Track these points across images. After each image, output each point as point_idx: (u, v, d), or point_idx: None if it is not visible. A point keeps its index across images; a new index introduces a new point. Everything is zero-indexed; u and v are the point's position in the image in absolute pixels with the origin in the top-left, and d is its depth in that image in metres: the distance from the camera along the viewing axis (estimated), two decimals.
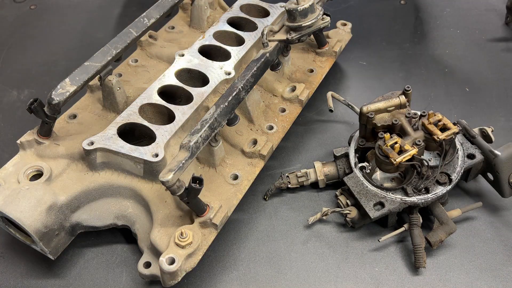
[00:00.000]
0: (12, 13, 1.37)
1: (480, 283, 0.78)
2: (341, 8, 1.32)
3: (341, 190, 0.87)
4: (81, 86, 0.81)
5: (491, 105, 1.05)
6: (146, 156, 0.76)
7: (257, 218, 0.88)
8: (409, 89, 0.82)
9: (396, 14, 1.30)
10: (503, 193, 0.83)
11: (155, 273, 0.73)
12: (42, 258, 0.84)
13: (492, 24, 1.24)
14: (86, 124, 0.92)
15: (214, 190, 0.81)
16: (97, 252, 0.85)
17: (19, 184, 0.78)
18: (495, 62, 1.15)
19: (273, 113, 0.94)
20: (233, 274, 0.81)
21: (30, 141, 0.82)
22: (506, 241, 0.83)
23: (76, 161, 0.81)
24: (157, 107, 0.86)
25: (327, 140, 1.00)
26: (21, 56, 1.24)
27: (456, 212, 0.82)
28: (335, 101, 0.98)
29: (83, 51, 1.10)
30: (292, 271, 0.81)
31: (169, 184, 0.67)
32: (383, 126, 0.81)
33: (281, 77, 0.99)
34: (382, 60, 1.17)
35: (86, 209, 0.80)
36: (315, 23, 0.87)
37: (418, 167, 0.78)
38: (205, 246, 0.74)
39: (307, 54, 1.06)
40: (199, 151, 0.74)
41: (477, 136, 0.84)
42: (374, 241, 0.84)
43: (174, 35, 1.09)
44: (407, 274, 0.80)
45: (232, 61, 0.93)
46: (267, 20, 1.03)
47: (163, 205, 0.78)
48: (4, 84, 1.17)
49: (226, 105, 0.78)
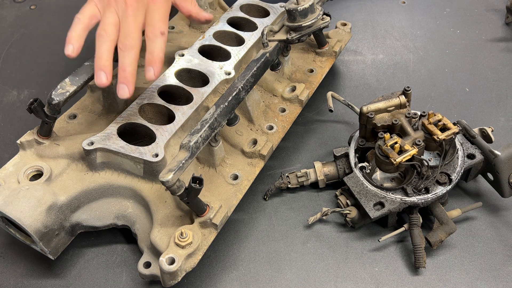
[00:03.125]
0: (12, 13, 1.38)
1: (480, 283, 0.78)
2: (341, 8, 1.32)
3: (341, 190, 0.87)
4: (81, 86, 0.81)
5: (491, 105, 1.05)
6: (146, 156, 0.76)
7: (257, 218, 0.88)
8: (409, 89, 0.82)
9: (396, 14, 1.30)
10: (503, 193, 0.83)
11: (155, 273, 0.73)
12: (42, 258, 0.84)
13: (492, 24, 1.25)
14: (86, 124, 0.92)
15: (214, 190, 0.81)
16: (97, 252, 0.85)
17: (19, 184, 0.78)
18: (495, 62, 1.15)
19: (273, 113, 0.94)
20: (233, 274, 0.81)
21: (30, 141, 0.82)
22: (506, 241, 0.83)
23: (76, 161, 0.81)
24: (157, 107, 0.86)
25: (327, 140, 1.00)
26: (21, 56, 1.24)
27: (456, 212, 0.82)
28: (335, 101, 0.98)
29: (83, 51, 1.09)
30: (292, 271, 0.81)
31: (169, 184, 0.67)
32: (383, 126, 0.81)
33: (281, 77, 0.99)
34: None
35: (86, 209, 0.80)
36: (315, 23, 0.87)
37: (418, 167, 0.78)
38: (205, 246, 0.74)
39: (307, 54, 1.06)
40: (199, 151, 0.74)
41: (477, 136, 0.84)
42: (374, 241, 0.84)
43: (174, 35, 1.09)
44: (407, 274, 0.80)
45: (232, 61, 0.93)
46: (267, 20, 1.03)
47: (163, 205, 0.78)
48: (4, 84, 1.17)
49: (226, 105, 0.78)
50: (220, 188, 0.82)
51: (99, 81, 0.75)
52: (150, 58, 0.76)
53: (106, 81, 0.75)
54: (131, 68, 0.75)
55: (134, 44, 0.76)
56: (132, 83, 0.76)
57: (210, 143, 0.80)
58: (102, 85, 0.76)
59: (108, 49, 0.76)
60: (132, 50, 0.75)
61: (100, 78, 0.75)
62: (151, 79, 0.77)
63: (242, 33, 0.99)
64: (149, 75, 0.76)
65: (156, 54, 0.76)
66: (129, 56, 0.75)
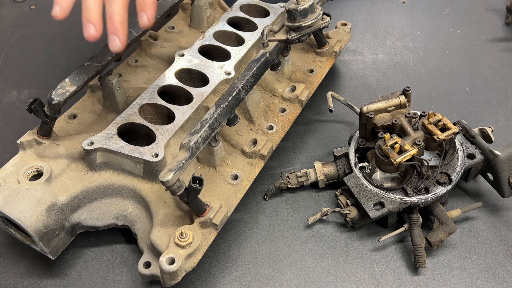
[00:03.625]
0: (12, 13, 1.37)
1: (480, 283, 0.78)
2: (341, 8, 1.32)
3: (341, 190, 0.87)
4: (81, 86, 0.81)
5: (491, 105, 1.05)
6: (146, 156, 0.76)
7: (257, 218, 0.88)
8: (409, 89, 0.82)
9: (396, 14, 1.30)
10: (503, 193, 0.83)
11: (155, 273, 0.73)
12: (42, 258, 0.84)
13: (492, 24, 1.25)
14: (86, 124, 0.92)
15: (214, 190, 0.81)
16: (97, 252, 0.85)
17: (19, 184, 0.78)
18: (495, 62, 1.15)
19: (273, 113, 0.94)
20: (233, 274, 0.81)
21: (30, 141, 0.82)
22: (506, 241, 0.83)
23: (76, 161, 0.81)
24: (157, 107, 0.86)
25: (327, 140, 1.00)
26: (21, 56, 1.24)
27: (456, 212, 0.82)
28: (335, 101, 0.98)
29: (83, 51, 1.10)
30: (292, 271, 0.81)
31: (169, 184, 0.67)
32: (383, 126, 0.81)
33: (281, 77, 0.99)
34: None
35: (86, 209, 0.80)
36: (315, 23, 0.87)
37: (418, 167, 0.78)
38: (205, 246, 0.74)
39: (307, 54, 1.06)
40: (199, 151, 0.74)
41: (477, 136, 0.84)
42: (374, 241, 0.84)
43: (174, 35, 1.09)
44: (407, 274, 0.80)
45: (232, 61, 0.93)
46: (267, 20, 1.03)
47: (163, 205, 0.78)
48: (4, 84, 1.17)
49: (226, 105, 0.78)
50: (220, 188, 0.82)
51: (88, 33, 0.67)
52: (141, 2, 0.69)
53: (95, 33, 0.67)
54: (119, 16, 0.68)
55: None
56: (122, 33, 0.69)
57: (210, 143, 0.80)
58: (91, 38, 0.68)
59: (95, 0, 0.68)
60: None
61: (88, 31, 0.67)
62: (146, 26, 0.70)
63: (242, 33, 0.99)
64: (143, 21, 0.69)
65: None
66: (115, 3, 0.68)
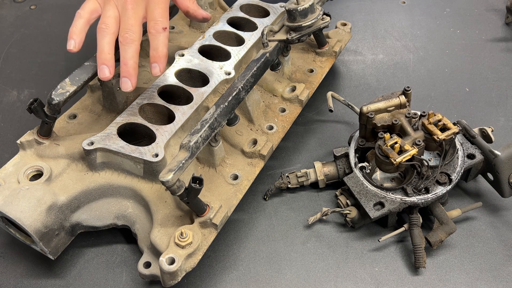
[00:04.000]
0: (12, 13, 1.38)
1: (480, 283, 0.78)
2: (341, 8, 1.32)
3: (341, 190, 0.87)
4: (81, 86, 0.81)
5: (491, 105, 1.05)
6: (146, 156, 0.76)
7: (257, 218, 0.88)
8: (409, 89, 0.82)
9: (396, 14, 1.30)
10: (503, 193, 0.83)
11: (155, 273, 0.73)
12: (42, 258, 0.84)
13: (492, 24, 1.25)
14: (86, 124, 0.92)
15: (214, 190, 0.81)
16: (97, 252, 0.85)
17: (19, 184, 0.78)
18: (495, 62, 1.15)
19: (273, 113, 0.94)
20: (233, 274, 0.81)
21: (30, 141, 0.82)
22: (506, 241, 0.83)
23: (76, 161, 0.81)
24: (157, 107, 0.86)
25: (327, 140, 1.00)
26: (21, 56, 1.24)
27: (456, 212, 0.82)
28: (335, 101, 0.98)
29: (83, 51, 1.09)
30: (292, 271, 0.81)
31: (169, 184, 0.67)
32: (383, 126, 0.81)
33: (281, 77, 0.99)
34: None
35: (86, 209, 0.80)
36: (315, 23, 0.87)
37: (418, 167, 0.78)
38: (205, 246, 0.74)
39: (307, 54, 1.06)
40: (199, 151, 0.74)
41: (477, 136, 0.84)
42: (374, 241, 0.84)
43: (174, 35, 1.09)
44: (407, 274, 0.80)
45: (232, 61, 0.93)
46: (267, 20, 1.03)
47: (163, 205, 0.78)
48: (4, 84, 1.17)
49: (226, 105, 0.78)
50: (220, 188, 0.82)
51: (102, 75, 0.76)
52: (155, 55, 0.77)
53: (109, 75, 0.76)
54: (132, 62, 0.76)
55: (135, 37, 0.76)
56: (134, 76, 0.76)
57: (210, 143, 0.80)
58: (105, 79, 0.77)
59: (109, 42, 0.77)
60: (132, 44, 0.76)
61: (103, 72, 0.76)
62: (157, 75, 0.78)
63: (242, 33, 0.99)
64: (155, 71, 0.78)
65: (161, 50, 0.77)
66: (130, 49, 0.76)
